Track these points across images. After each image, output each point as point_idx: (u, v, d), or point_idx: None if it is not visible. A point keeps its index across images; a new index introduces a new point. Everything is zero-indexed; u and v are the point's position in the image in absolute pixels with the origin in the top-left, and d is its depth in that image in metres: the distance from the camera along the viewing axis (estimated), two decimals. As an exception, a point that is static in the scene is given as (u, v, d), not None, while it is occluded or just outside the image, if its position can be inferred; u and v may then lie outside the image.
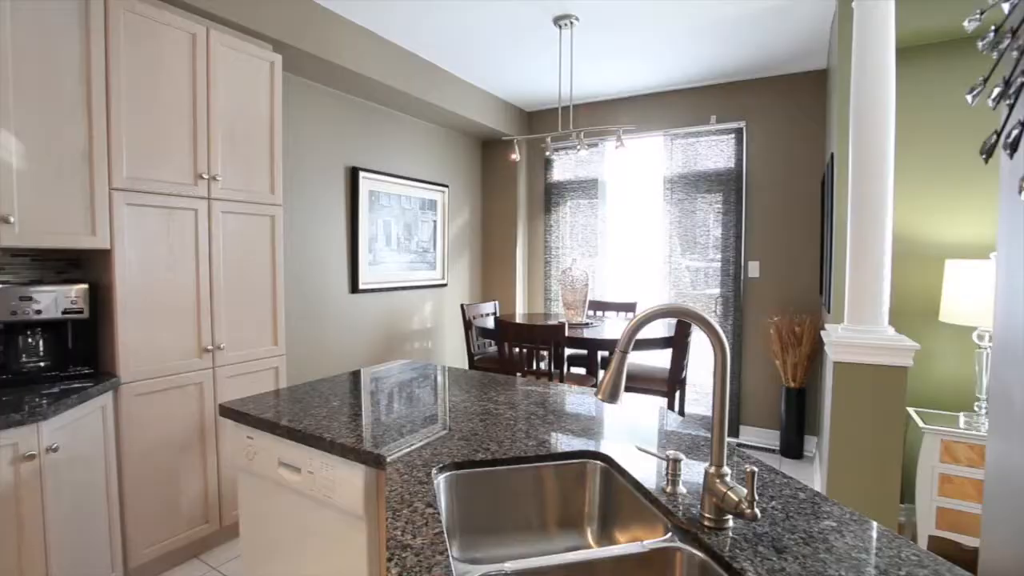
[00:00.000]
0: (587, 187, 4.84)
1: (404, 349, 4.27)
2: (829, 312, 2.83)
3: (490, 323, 3.95)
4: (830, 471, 2.14)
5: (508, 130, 4.84)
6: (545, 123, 5.05)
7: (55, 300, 2.02)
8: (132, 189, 2.15)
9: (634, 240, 4.75)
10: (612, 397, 0.97)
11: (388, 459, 1.19)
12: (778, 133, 3.99)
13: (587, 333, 3.38)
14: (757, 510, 0.85)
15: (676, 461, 1.06)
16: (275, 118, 2.70)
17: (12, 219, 1.82)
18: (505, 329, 3.09)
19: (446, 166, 4.70)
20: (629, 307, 4.37)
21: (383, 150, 4.00)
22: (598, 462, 1.25)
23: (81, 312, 2.07)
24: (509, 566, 0.85)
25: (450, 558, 0.80)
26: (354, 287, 3.73)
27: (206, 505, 2.44)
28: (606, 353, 4.21)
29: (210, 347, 2.41)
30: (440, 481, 1.13)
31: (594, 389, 1.85)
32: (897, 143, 2.35)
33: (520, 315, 4.41)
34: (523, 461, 1.23)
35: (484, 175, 5.23)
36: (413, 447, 1.27)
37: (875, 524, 0.93)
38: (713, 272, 4.28)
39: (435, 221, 4.51)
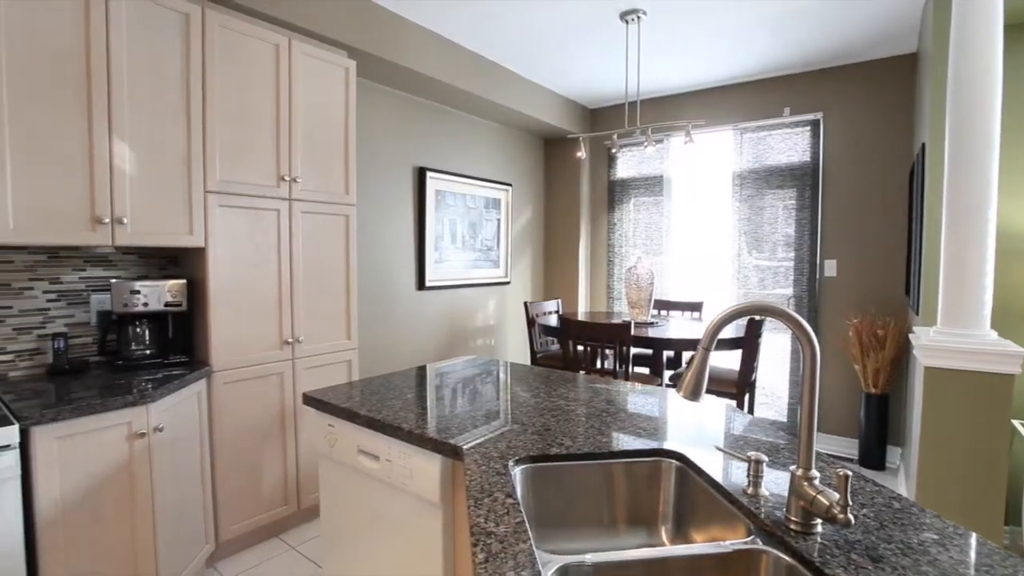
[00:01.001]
0: (652, 184, 4.75)
1: (467, 345, 4.35)
2: (918, 314, 2.64)
3: (553, 321, 3.96)
4: (919, 486, 2.00)
5: (571, 128, 4.82)
6: (608, 120, 5.00)
7: (158, 294, 2.20)
8: (223, 191, 2.31)
9: (700, 238, 4.61)
10: (694, 394, 0.95)
11: (465, 450, 1.23)
12: (860, 123, 3.76)
13: (652, 332, 3.32)
14: (851, 515, 0.81)
15: (758, 462, 1.04)
16: (349, 121, 2.82)
17: (125, 220, 2.00)
18: (569, 327, 3.09)
19: (509, 165, 4.75)
20: (695, 307, 4.25)
21: (449, 150, 4.09)
22: (673, 461, 1.24)
23: (180, 305, 2.25)
24: (590, 558, 0.86)
25: (533, 547, 0.81)
26: (421, 284, 3.84)
27: (285, 488, 2.59)
28: (671, 353, 4.12)
29: (290, 340, 2.56)
30: (516, 473, 1.15)
31: (662, 388, 1.83)
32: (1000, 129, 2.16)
33: (582, 313, 4.39)
34: (596, 457, 1.23)
35: (547, 173, 5.24)
36: (488, 439, 1.30)
37: (983, 540, 0.87)
38: (784, 271, 4.09)
39: (499, 219, 4.56)
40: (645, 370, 4.05)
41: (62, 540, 1.64)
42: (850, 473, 0.97)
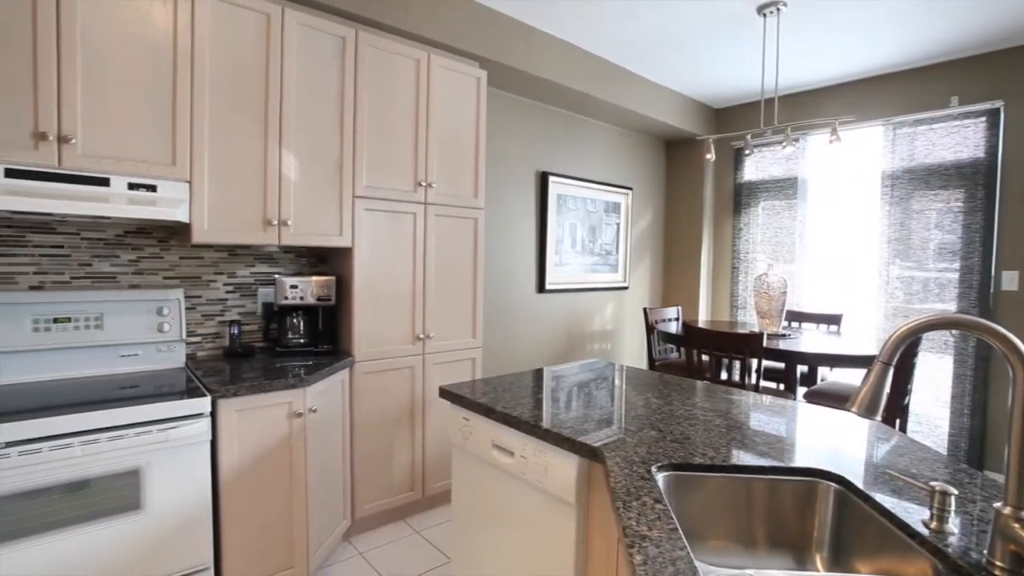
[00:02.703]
0: (784, 186, 4.43)
1: (584, 349, 4.34)
2: None
3: (673, 328, 3.83)
4: None
5: (695, 129, 4.64)
6: (735, 120, 4.74)
7: (311, 289, 2.45)
8: (368, 196, 2.52)
9: (839, 245, 4.21)
10: (870, 411, 0.87)
11: (605, 452, 1.22)
12: (1052, 113, 3.22)
13: (783, 345, 3.09)
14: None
15: (944, 494, 0.92)
16: (480, 128, 2.94)
17: (290, 222, 2.26)
18: (695, 335, 2.97)
19: (630, 168, 4.67)
20: (833, 319, 3.89)
21: (570, 154, 4.12)
22: (831, 483, 1.14)
23: (329, 300, 2.48)
24: (752, 573, 0.82)
25: (691, 555, 0.79)
26: (541, 287, 3.90)
27: (412, 475, 2.75)
28: (805, 368, 3.80)
29: (421, 335, 2.72)
30: (660, 479, 1.13)
31: (804, 404, 1.69)
32: None
33: (703, 321, 4.20)
34: (743, 471, 1.17)
35: (668, 176, 5.09)
36: (626, 443, 1.29)
37: None
38: (947, 283, 3.61)
39: (618, 224, 4.51)
40: (772, 384, 3.78)
41: (237, 496, 1.89)
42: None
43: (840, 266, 4.22)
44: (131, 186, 1.91)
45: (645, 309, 3.94)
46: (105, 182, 1.86)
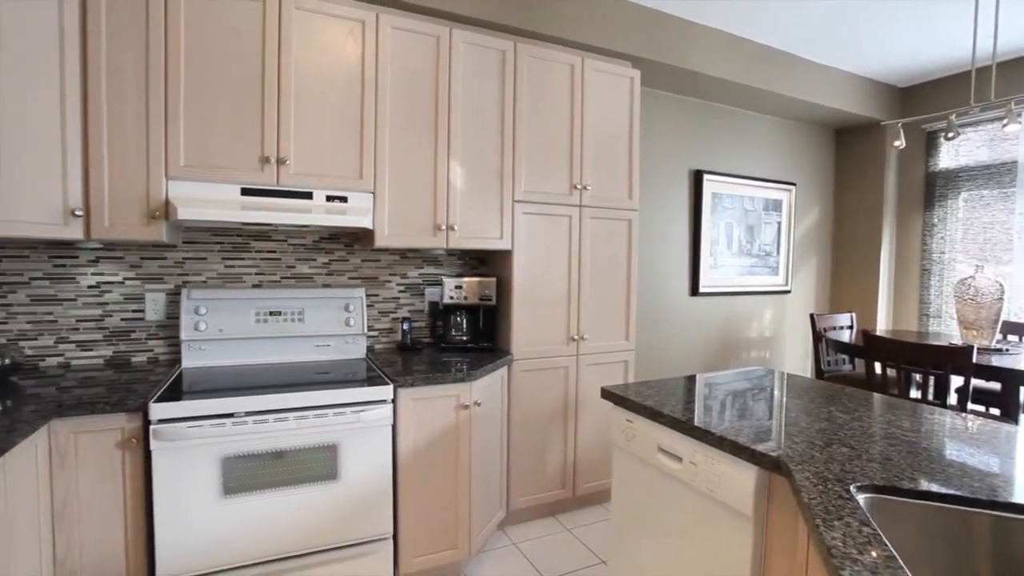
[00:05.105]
0: (996, 173, 3.74)
1: (740, 357, 4.07)
2: None
3: (846, 336, 3.43)
4: None
5: (875, 113, 4.11)
6: (928, 98, 4.11)
7: (474, 289, 2.61)
8: (526, 200, 2.62)
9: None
10: None
11: (791, 466, 1.14)
12: None
13: (999, 361, 2.61)
14: None
15: None
16: (633, 128, 2.91)
17: (456, 227, 2.44)
18: (879, 345, 2.63)
19: (793, 162, 4.29)
20: (1067, 333, 3.20)
21: (726, 150, 3.89)
22: (1093, 529, 0.95)
23: (491, 300, 2.62)
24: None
25: (917, 588, 0.71)
26: (694, 290, 3.74)
27: (564, 473, 2.80)
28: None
29: (575, 336, 2.76)
30: (860, 501, 1.03)
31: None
32: None
33: (883, 331, 3.71)
34: (964, 503, 1.02)
35: (838, 169, 4.57)
36: (815, 458, 1.19)
37: None
38: None
39: (779, 222, 4.16)
40: (980, 407, 3.21)
41: (412, 477, 2.08)
42: None
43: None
44: (328, 198, 2.21)
45: (812, 315, 3.59)
46: (309, 195, 2.17)
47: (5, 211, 1.72)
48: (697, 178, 3.72)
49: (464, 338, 2.65)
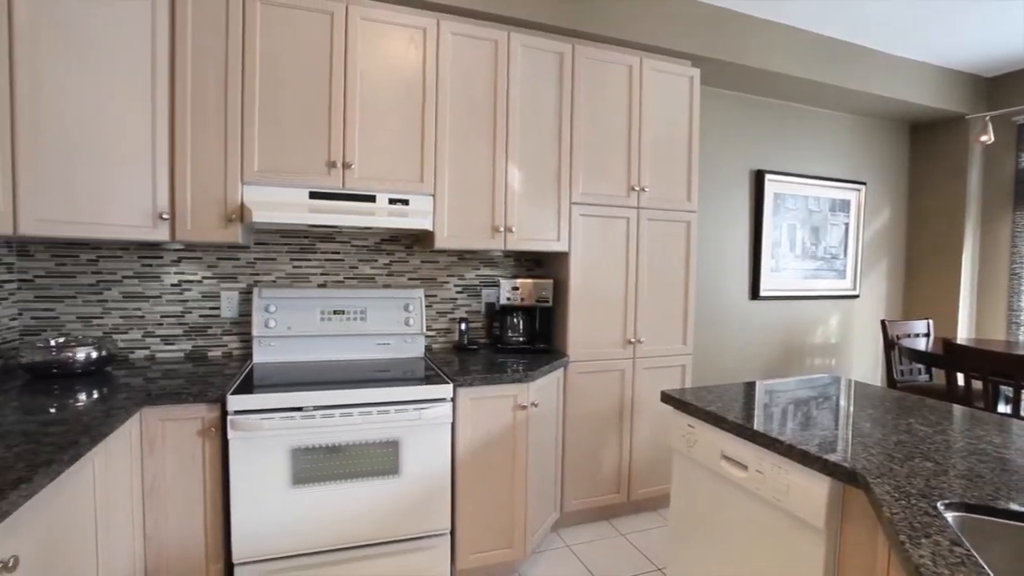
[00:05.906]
0: (1096, 169, 3.43)
1: (803, 363, 3.91)
2: None
3: (922, 345, 3.23)
4: None
5: (957, 106, 3.85)
6: (1018, 88, 3.81)
7: (530, 290, 2.62)
8: (583, 203, 2.61)
9: None
10: None
11: (869, 478, 1.09)
12: None
13: (1101, 375, 2.39)
14: None
15: None
16: (693, 129, 2.85)
17: (514, 228, 2.46)
18: (963, 355, 2.47)
19: (862, 160, 4.07)
20: None
21: (789, 149, 3.75)
22: None
23: (547, 301, 2.63)
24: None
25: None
26: (754, 294, 3.61)
27: (618, 477, 2.77)
28: None
29: (632, 340, 2.73)
30: (949, 519, 0.97)
31: None
32: None
33: (964, 339, 3.47)
34: (1070, 526, 0.94)
35: (912, 167, 4.31)
36: (895, 472, 1.13)
37: None
38: None
39: (846, 224, 3.96)
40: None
41: (470, 475, 2.11)
42: None
43: None
44: (391, 201, 2.27)
45: (883, 321, 3.40)
46: (372, 198, 2.25)
47: (95, 213, 1.87)
48: (758, 178, 3.59)
49: (520, 339, 2.67)
